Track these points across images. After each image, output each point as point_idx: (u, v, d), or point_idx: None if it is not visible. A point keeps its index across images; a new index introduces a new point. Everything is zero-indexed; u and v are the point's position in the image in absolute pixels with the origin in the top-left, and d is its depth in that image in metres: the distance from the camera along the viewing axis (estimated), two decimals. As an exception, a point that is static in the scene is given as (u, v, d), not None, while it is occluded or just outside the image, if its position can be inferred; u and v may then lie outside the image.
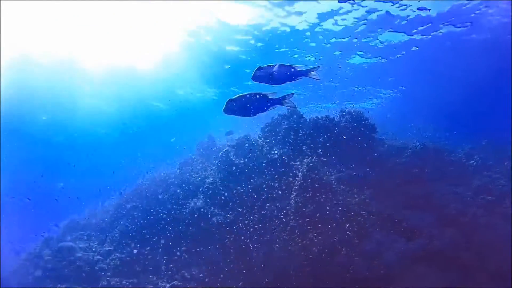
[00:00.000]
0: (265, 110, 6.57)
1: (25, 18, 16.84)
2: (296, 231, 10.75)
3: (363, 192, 11.79)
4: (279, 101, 6.57)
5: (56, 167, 48.17)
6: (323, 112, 22.96)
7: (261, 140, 14.38)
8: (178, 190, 14.33)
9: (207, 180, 13.60)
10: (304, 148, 13.26)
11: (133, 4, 15.75)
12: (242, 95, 6.47)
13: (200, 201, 12.85)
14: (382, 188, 12.09)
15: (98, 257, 13.56)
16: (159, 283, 11.94)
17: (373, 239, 10.47)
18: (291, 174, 12.27)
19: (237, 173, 13.07)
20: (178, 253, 12.44)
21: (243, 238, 11.46)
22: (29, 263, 14.36)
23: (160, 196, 14.72)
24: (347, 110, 14.15)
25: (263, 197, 12.10)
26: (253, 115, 6.59)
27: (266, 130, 15.05)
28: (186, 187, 14.26)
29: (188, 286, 11.52)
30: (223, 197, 12.56)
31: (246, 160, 13.32)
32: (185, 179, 14.86)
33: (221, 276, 11.36)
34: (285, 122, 14.61)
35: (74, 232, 16.80)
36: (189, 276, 11.84)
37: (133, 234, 14.14)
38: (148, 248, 13.41)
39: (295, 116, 14.69)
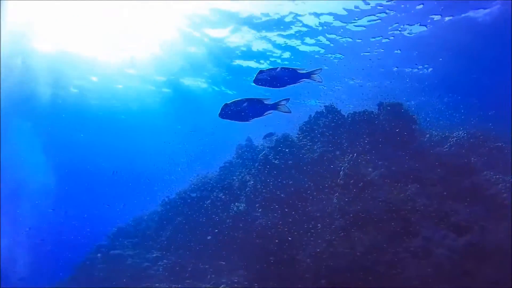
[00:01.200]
0: (261, 115, 6.65)
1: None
2: (341, 230, 10.59)
3: (407, 187, 11.45)
4: (275, 106, 6.59)
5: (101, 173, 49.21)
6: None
7: (300, 140, 14.28)
8: (221, 195, 14.40)
9: (248, 183, 13.62)
10: (344, 145, 13.08)
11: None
12: (238, 100, 6.51)
13: (243, 204, 12.88)
14: (427, 182, 11.70)
15: (146, 263, 13.81)
16: (207, 288, 12.06)
17: (421, 235, 10.18)
18: (332, 173, 12.12)
19: (278, 175, 13.03)
20: (224, 258, 12.52)
21: (287, 240, 11.38)
22: (82, 271, 14.80)
23: (203, 202, 14.83)
24: (385, 103, 13.82)
25: (306, 198, 12.00)
26: (248, 120, 6.63)
27: (304, 129, 14.94)
28: (228, 191, 14.32)
29: (235, 290, 11.56)
30: (265, 200, 12.52)
31: (286, 161, 13.24)
32: (226, 183, 14.94)
33: (268, 279, 11.34)
34: (323, 120, 14.47)
35: (122, 239, 17.19)
36: (236, 280, 11.90)
37: (179, 240, 14.34)
38: (194, 253, 13.57)
39: (332, 113, 14.50)
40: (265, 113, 6.61)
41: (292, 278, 11.14)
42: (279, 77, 6.60)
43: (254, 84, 6.74)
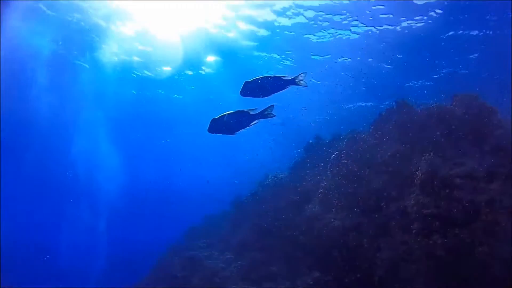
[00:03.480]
0: (248, 126, 6.90)
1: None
2: (420, 233, 10.24)
3: (490, 186, 10.84)
4: (262, 115, 6.82)
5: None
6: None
7: (371, 138, 13.97)
8: (292, 196, 14.42)
9: (321, 184, 13.52)
10: (418, 142, 12.63)
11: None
12: (224, 114, 6.74)
13: (317, 206, 12.80)
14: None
15: (221, 265, 14.09)
16: (282, 290, 12.12)
17: (509, 238, 9.61)
18: (408, 172, 11.74)
19: (351, 175, 12.85)
20: (298, 260, 12.52)
21: (363, 243, 11.18)
22: (159, 272, 15.32)
23: (276, 203, 14.91)
24: (460, 95, 13.18)
25: (380, 199, 11.71)
26: (236, 132, 6.89)
27: (376, 127, 14.61)
28: (300, 193, 14.31)
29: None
30: (339, 201, 12.37)
31: (359, 161, 13.02)
32: (297, 184, 14.93)
33: (344, 281, 11.21)
34: (395, 117, 14.08)
35: (195, 241, 17.66)
36: (311, 282, 11.86)
37: (253, 241, 14.51)
38: (268, 255, 13.67)
39: (404, 109, 14.07)
40: (252, 124, 6.83)
41: (368, 282, 10.96)
42: (266, 86, 6.76)
43: (241, 95, 6.91)
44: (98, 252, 41.55)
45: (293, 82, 6.82)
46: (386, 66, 21.60)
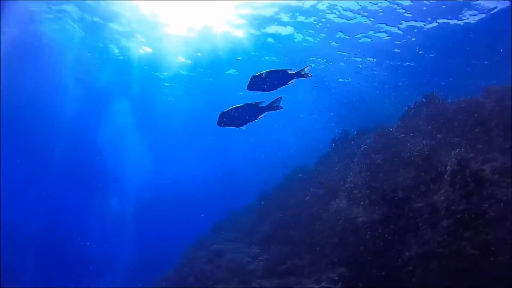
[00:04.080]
0: (256, 119, 7.11)
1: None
2: (449, 230, 10.02)
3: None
4: (270, 107, 7.00)
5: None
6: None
7: (399, 132, 13.72)
8: (319, 191, 14.30)
9: (347, 179, 13.36)
10: (448, 137, 12.35)
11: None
12: (234, 107, 6.90)
13: (343, 201, 12.64)
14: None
15: (247, 258, 14.10)
16: (307, 285, 12.06)
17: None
18: (437, 168, 11.50)
19: (379, 170, 12.64)
20: (324, 255, 12.43)
21: (391, 239, 11.01)
22: (186, 265, 15.44)
23: (301, 197, 14.83)
24: (492, 88, 12.82)
25: (409, 195, 11.51)
26: (244, 125, 7.05)
27: (404, 120, 14.35)
28: (326, 187, 14.19)
29: (337, 288, 11.42)
30: (366, 197, 12.19)
31: (387, 155, 12.80)
32: (324, 179, 14.80)
33: (370, 278, 11.07)
34: (424, 110, 13.81)
35: (221, 234, 17.74)
36: (336, 278, 11.76)
37: (278, 235, 14.49)
38: (293, 249, 13.62)
39: (434, 102, 13.77)
40: (260, 116, 7.01)
41: (395, 279, 10.79)
42: (272, 80, 6.90)
43: (248, 90, 7.03)
44: (125, 243, 42.16)
45: (298, 75, 6.94)
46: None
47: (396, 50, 20.53)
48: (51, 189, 48.66)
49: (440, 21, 17.74)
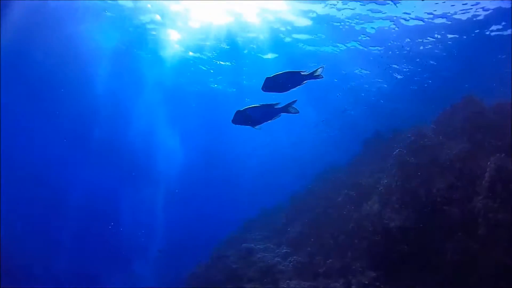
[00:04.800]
0: (271, 119, 7.27)
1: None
2: (487, 239, 9.71)
3: None
4: (285, 109, 7.16)
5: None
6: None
7: (435, 135, 13.38)
8: (351, 192, 14.11)
9: (380, 182, 13.12)
10: (488, 141, 11.94)
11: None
12: (249, 107, 7.06)
13: (376, 204, 12.42)
14: None
15: (277, 259, 14.06)
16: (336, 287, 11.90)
17: None
18: (475, 173, 11.14)
19: (413, 173, 12.34)
20: (354, 258, 12.27)
21: (424, 245, 10.77)
22: (216, 263, 15.51)
23: (333, 199, 14.67)
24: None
25: (444, 200, 11.21)
26: (258, 125, 7.21)
27: (440, 122, 13.99)
28: (359, 189, 13.98)
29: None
30: (400, 201, 11.93)
31: (422, 158, 12.48)
32: (356, 180, 14.60)
33: (401, 283, 10.85)
34: (461, 113, 13.40)
35: (251, 232, 17.74)
36: (366, 282, 11.58)
37: (308, 236, 14.39)
38: (324, 251, 13.52)
39: (472, 104, 13.37)
40: (275, 117, 7.19)
41: (427, 286, 10.55)
42: (285, 81, 7.09)
43: (263, 91, 7.23)
44: (156, 234, 42.62)
45: (311, 76, 7.09)
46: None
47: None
48: (89, 173, 49.82)
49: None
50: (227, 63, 24.74)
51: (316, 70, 7.05)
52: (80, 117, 37.70)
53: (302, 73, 7.08)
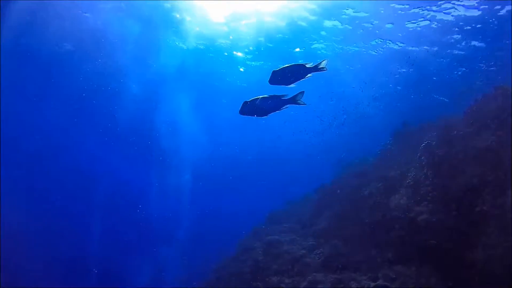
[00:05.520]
0: (278, 110, 7.51)
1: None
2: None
3: None
4: (292, 100, 7.39)
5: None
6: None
7: (465, 127, 12.99)
8: (378, 185, 13.86)
9: (408, 174, 12.85)
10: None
11: None
12: (257, 98, 7.29)
13: (404, 198, 12.18)
14: None
15: (303, 251, 14.00)
16: (363, 281, 11.80)
17: None
18: (507, 166, 10.78)
19: (442, 166, 12.03)
20: (381, 251, 12.09)
21: (455, 239, 10.52)
22: (242, 255, 15.55)
23: (360, 191, 14.46)
24: None
25: (474, 194, 10.91)
26: (266, 116, 7.45)
27: (471, 114, 13.57)
28: (386, 182, 13.72)
29: (393, 286, 11.05)
30: (428, 194, 11.67)
31: (451, 151, 12.15)
32: (383, 173, 14.33)
33: (429, 278, 10.64)
34: (493, 103, 12.96)
35: (277, 224, 17.71)
36: (394, 276, 11.40)
37: (335, 229, 14.27)
38: (350, 244, 13.39)
39: (505, 94, 12.90)
40: (283, 108, 7.43)
41: (457, 280, 10.32)
42: (291, 74, 7.37)
43: (270, 84, 7.51)
44: (182, 222, 42.82)
45: (315, 69, 7.32)
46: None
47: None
48: (118, 160, 50.67)
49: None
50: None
51: (320, 62, 7.30)
52: (112, 111, 38.36)
53: (307, 66, 7.29)
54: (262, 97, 7.27)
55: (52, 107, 37.34)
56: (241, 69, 26.79)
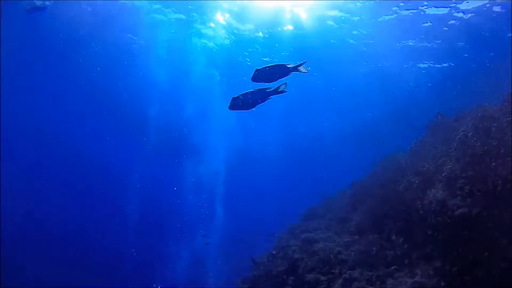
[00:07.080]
0: (263, 102, 8.29)
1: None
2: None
3: None
4: (275, 92, 8.14)
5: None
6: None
7: (504, 116, 12.46)
8: (413, 179, 13.51)
9: (444, 168, 12.45)
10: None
11: None
12: (244, 92, 8.01)
13: (440, 191, 11.81)
14: None
15: (339, 248, 13.86)
16: (400, 278, 11.57)
17: None
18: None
19: (479, 157, 11.61)
20: (419, 248, 11.82)
21: (493, 235, 10.14)
22: (278, 253, 15.55)
23: (395, 186, 14.13)
24: None
25: (513, 186, 10.47)
26: (252, 108, 8.22)
27: (508, 102, 13.03)
28: (421, 176, 13.36)
29: (431, 283, 10.78)
30: (465, 187, 11.26)
31: (489, 142, 11.68)
32: (418, 167, 13.94)
33: (470, 275, 10.31)
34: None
35: (312, 221, 17.62)
36: (432, 272, 11.12)
37: (370, 225, 14.06)
38: (386, 240, 13.13)
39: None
40: (267, 99, 8.19)
41: (498, 277, 9.95)
42: (274, 73, 7.94)
43: (252, 81, 8.21)
44: (219, 222, 43.08)
45: (295, 69, 7.97)
46: None
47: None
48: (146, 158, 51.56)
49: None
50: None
51: (301, 64, 7.92)
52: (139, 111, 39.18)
53: (288, 66, 7.91)
54: (246, 92, 7.93)
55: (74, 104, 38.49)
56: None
